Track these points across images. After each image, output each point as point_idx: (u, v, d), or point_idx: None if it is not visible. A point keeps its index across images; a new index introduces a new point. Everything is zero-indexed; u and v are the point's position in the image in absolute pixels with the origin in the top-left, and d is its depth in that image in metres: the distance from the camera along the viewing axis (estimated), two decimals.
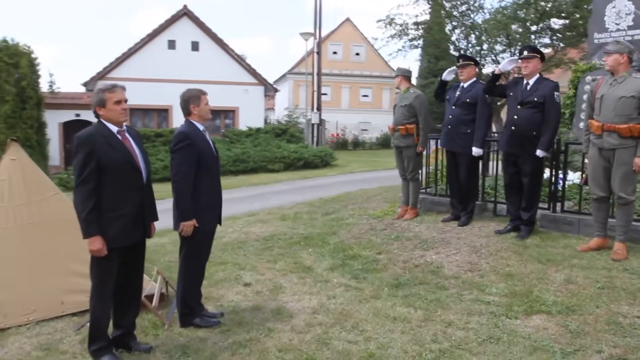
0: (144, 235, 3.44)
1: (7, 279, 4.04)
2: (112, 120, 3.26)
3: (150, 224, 3.50)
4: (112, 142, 3.21)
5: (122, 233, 3.23)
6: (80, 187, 3.13)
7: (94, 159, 3.11)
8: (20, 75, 16.27)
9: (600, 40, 7.62)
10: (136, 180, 3.30)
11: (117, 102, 3.23)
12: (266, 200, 10.35)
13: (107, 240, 3.16)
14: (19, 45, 20.04)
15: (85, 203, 3.11)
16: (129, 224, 3.25)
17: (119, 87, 3.27)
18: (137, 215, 3.31)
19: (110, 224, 3.18)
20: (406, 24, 12.01)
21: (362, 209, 7.92)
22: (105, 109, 3.24)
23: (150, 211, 3.45)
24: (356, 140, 29.73)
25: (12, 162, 4.22)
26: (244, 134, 19.52)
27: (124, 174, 3.23)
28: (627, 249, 4.60)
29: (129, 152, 3.27)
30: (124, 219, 3.23)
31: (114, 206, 3.20)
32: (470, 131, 5.72)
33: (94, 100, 3.24)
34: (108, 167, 3.15)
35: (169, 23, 24.12)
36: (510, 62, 5.36)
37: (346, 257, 5.48)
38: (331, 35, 34.42)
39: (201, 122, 3.84)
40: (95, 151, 3.12)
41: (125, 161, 3.23)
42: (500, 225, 5.72)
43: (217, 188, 3.91)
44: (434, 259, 5.03)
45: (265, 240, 6.52)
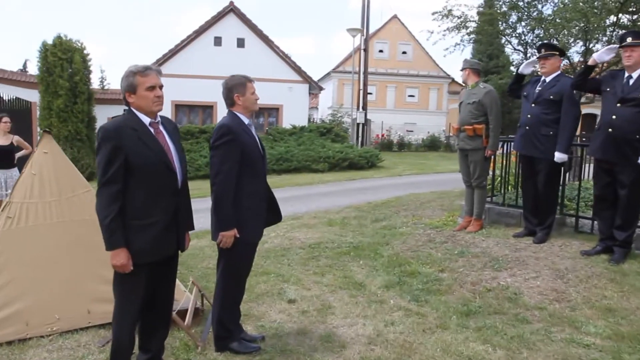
0: (177, 248, 2.88)
1: (32, 283, 3.64)
2: (144, 109, 2.71)
3: (185, 235, 2.94)
4: (143, 137, 2.66)
5: (151, 246, 2.68)
6: (104, 188, 2.59)
7: (121, 155, 2.57)
8: (73, 71, 16.40)
9: None
10: (170, 183, 2.74)
11: (150, 87, 2.67)
12: (311, 202, 9.75)
13: (133, 254, 2.63)
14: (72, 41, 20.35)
15: (109, 208, 2.57)
16: (159, 235, 2.70)
17: (152, 70, 2.70)
18: (170, 225, 2.75)
19: (138, 234, 2.64)
20: (465, 16, 11.18)
21: (415, 216, 7.20)
22: (135, 96, 2.69)
23: (185, 220, 2.90)
24: (402, 141, 28.83)
25: (44, 155, 3.87)
26: (288, 132, 19.02)
27: (156, 176, 2.67)
28: None
29: (162, 150, 2.71)
30: (153, 228, 2.67)
31: (143, 213, 2.66)
32: (552, 133, 4.93)
33: (122, 86, 2.70)
34: (137, 167, 2.61)
35: (215, 20, 24.03)
36: (608, 51, 4.53)
37: (403, 273, 4.80)
38: (377, 33, 33.55)
39: (247, 115, 3.25)
40: (122, 146, 2.58)
41: (158, 160, 2.67)
42: (585, 245, 4.91)
43: (263, 192, 3.31)
44: (509, 283, 4.28)
45: (310, 248, 5.90)
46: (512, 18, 10.56)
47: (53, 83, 15.75)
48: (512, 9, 10.44)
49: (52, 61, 15.84)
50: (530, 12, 10.51)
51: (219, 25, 24.05)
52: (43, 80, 15.85)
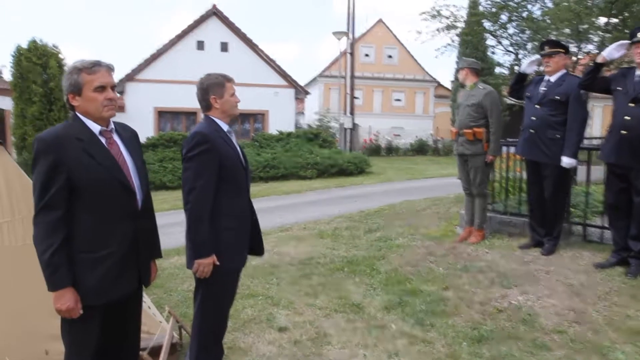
0: (140, 283, 2.42)
1: None
2: (92, 114, 2.24)
3: (151, 264, 2.51)
4: (90, 148, 2.19)
5: (106, 283, 2.22)
6: (42, 215, 2.13)
7: (62, 173, 2.11)
8: (48, 76, 15.79)
9: None
10: (127, 205, 2.28)
11: (99, 87, 2.22)
12: (300, 212, 9.34)
13: (83, 294, 2.17)
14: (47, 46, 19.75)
15: (49, 239, 2.11)
16: (115, 270, 2.24)
17: (102, 66, 2.24)
18: (129, 256, 2.29)
19: (88, 270, 2.18)
20: (455, 16, 10.87)
21: (411, 226, 6.82)
22: (81, 98, 2.22)
23: (149, 248, 2.44)
24: (389, 145, 28.50)
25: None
26: (274, 138, 18.58)
27: (109, 196, 2.22)
28: None
29: (116, 164, 2.25)
30: (108, 262, 2.22)
31: (94, 244, 2.20)
32: (559, 136, 4.58)
33: (64, 85, 2.23)
34: (84, 186, 2.15)
35: (198, 23, 23.59)
36: (618, 48, 4.19)
37: (404, 292, 4.40)
38: (363, 37, 33.24)
39: (225, 120, 2.82)
40: (64, 161, 2.12)
41: (110, 177, 2.21)
42: (596, 256, 4.57)
43: (247, 210, 2.87)
44: (521, 302, 3.91)
45: (301, 264, 5.49)
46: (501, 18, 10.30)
47: (27, 89, 15.11)
48: (501, 8, 10.16)
49: (26, 66, 15.21)
50: (519, 12, 10.24)
51: (202, 28, 23.60)
52: (16, 86, 15.21)
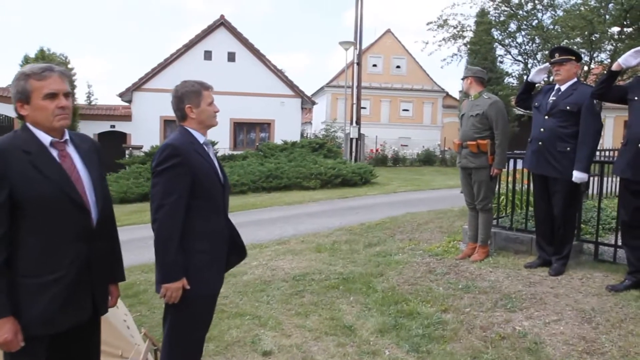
0: (95, 312, 2.15)
1: None
2: (43, 125, 2.01)
3: (111, 289, 2.24)
4: (38, 162, 1.95)
5: (52, 311, 1.95)
6: None
7: (3, 188, 1.87)
8: None
9: None
10: (79, 224, 2.02)
11: (49, 95, 1.98)
12: (300, 224, 9.06)
13: (25, 324, 1.91)
14: (55, 55, 19.84)
15: None
16: (64, 296, 1.98)
17: (54, 72, 2.00)
18: (81, 281, 2.03)
19: (32, 296, 1.93)
20: (462, 25, 10.65)
21: (413, 240, 6.53)
22: (30, 107, 1.99)
23: (105, 272, 2.17)
24: (396, 156, 28.22)
25: None
26: (279, 147, 18.36)
27: (58, 214, 1.96)
28: None
29: (67, 178, 2.00)
30: (56, 288, 1.95)
31: (40, 267, 1.94)
32: (569, 149, 4.29)
33: (12, 93, 2.00)
34: (28, 203, 1.91)
35: (206, 33, 23.71)
36: (636, 55, 3.89)
37: (400, 313, 4.10)
38: (371, 48, 33.14)
39: (202, 131, 2.56)
40: (6, 176, 1.88)
41: (59, 193, 1.96)
42: (609, 277, 4.26)
43: (223, 231, 2.58)
44: (526, 328, 3.59)
45: (295, 280, 5.20)
46: (510, 27, 10.06)
47: None
48: (511, 17, 9.93)
49: None
50: (529, 21, 10.00)
51: (209, 39, 23.73)
52: None
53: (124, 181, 14.76)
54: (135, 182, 14.60)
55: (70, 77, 2.07)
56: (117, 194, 13.88)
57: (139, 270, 5.96)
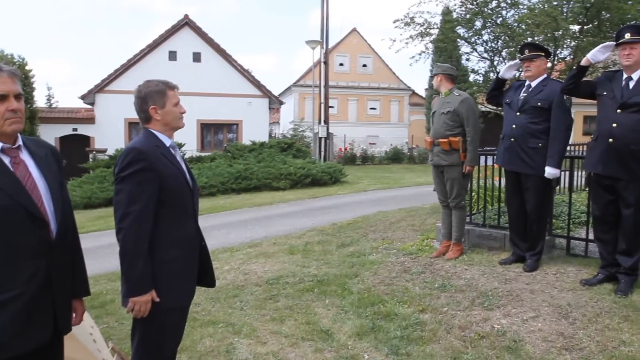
0: (56, 332, 1.98)
1: None
2: None
3: (75, 305, 2.09)
4: None
5: (8, 333, 1.79)
6: None
7: None
8: None
9: None
10: (36, 237, 1.86)
11: None
12: (271, 225, 8.93)
13: None
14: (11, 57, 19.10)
15: None
16: (21, 316, 1.82)
17: (3, 72, 1.84)
18: (40, 299, 1.87)
19: None
20: (428, 23, 10.65)
21: (386, 239, 6.48)
22: None
23: (67, 287, 2.01)
24: (365, 154, 28.31)
25: None
26: (247, 148, 18.14)
27: (11, 227, 1.80)
28: None
29: (20, 187, 1.84)
30: (11, 307, 1.79)
31: None
32: (541, 145, 4.30)
33: None
34: None
35: (170, 33, 23.27)
36: (603, 49, 3.92)
37: (377, 315, 4.03)
38: (337, 47, 33.15)
39: (168, 134, 2.42)
40: None
41: (11, 203, 1.80)
42: (582, 272, 4.29)
43: (194, 237, 2.46)
44: (505, 326, 3.57)
45: (268, 284, 5.08)
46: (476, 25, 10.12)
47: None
48: (476, 15, 9.99)
49: None
50: (494, 18, 10.07)
51: (174, 39, 23.30)
52: None
53: (88, 186, 14.32)
54: (100, 186, 14.18)
55: (21, 76, 1.90)
56: (81, 200, 13.46)
57: (105, 279, 5.74)
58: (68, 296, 2.03)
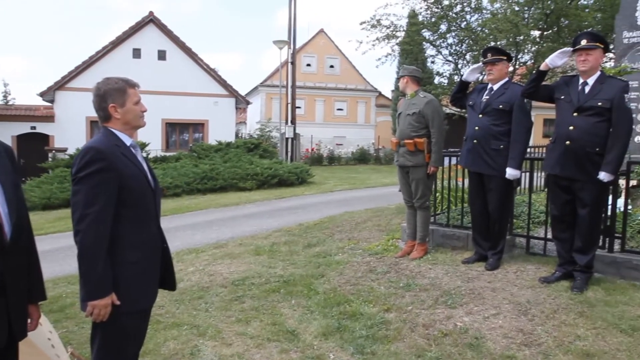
0: (11, 337, 1.93)
1: None
2: None
3: (30, 310, 2.03)
4: None
5: None
6: None
7: None
8: None
9: (631, 39, 6.46)
10: None
11: None
12: (237, 226, 8.87)
13: None
14: None
15: None
16: None
17: None
18: None
19: None
20: (395, 25, 10.80)
21: (352, 240, 6.53)
22: None
23: (21, 291, 1.96)
24: (332, 155, 28.42)
25: None
26: (213, 148, 17.96)
27: None
28: None
29: None
30: None
31: None
32: (503, 147, 4.41)
33: None
34: None
35: (134, 30, 22.80)
36: (561, 55, 4.05)
37: (343, 315, 4.06)
38: (305, 47, 33.14)
39: (128, 133, 2.38)
40: None
41: None
42: (541, 270, 4.41)
43: (156, 239, 2.42)
44: (467, 323, 3.65)
45: (234, 285, 5.04)
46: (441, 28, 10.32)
47: None
48: (441, 18, 10.19)
49: None
50: (458, 22, 10.29)
51: (138, 36, 22.85)
52: None
53: (47, 186, 13.90)
54: (60, 186, 13.79)
55: None
56: (39, 200, 13.08)
57: (64, 281, 5.59)
58: (23, 300, 1.97)
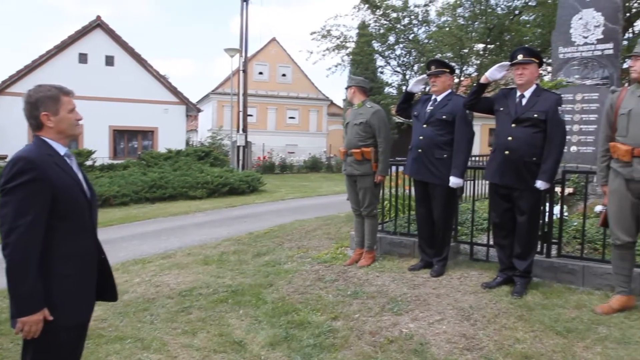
0: None
1: None
2: None
3: None
4: None
5: None
6: None
7: None
8: None
9: (566, 54, 6.81)
10: None
11: None
12: (186, 235, 8.70)
13: None
14: None
15: None
16: None
17: None
18: None
19: None
20: (344, 36, 10.95)
21: (301, 248, 6.54)
22: None
23: None
24: (283, 163, 28.42)
25: None
26: (163, 156, 17.59)
27: None
28: None
29: None
30: None
31: None
32: (446, 156, 4.54)
33: None
34: None
35: (80, 35, 22.12)
36: (500, 69, 4.23)
37: (290, 324, 4.05)
38: (257, 55, 33.10)
39: (62, 142, 2.29)
40: None
41: None
42: (483, 275, 4.55)
43: (92, 251, 2.34)
44: (412, 330, 3.71)
45: (181, 296, 4.94)
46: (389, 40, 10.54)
47: None
48: (389, 30, 10.41)
49: None
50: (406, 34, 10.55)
51: (85, 41, 22.17)
52: None
53: None
54: None
55: None
56: None
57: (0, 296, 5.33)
58: None
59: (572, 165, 5.86)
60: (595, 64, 6.52)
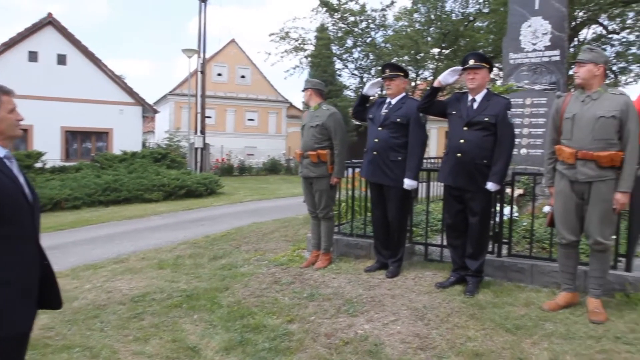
0: None
1: None
2: None
3: None
4: None
5: None
6: None
7: None
8: None
9: (516, 60, 7.03)
10: None
11: None
12: (140, 239, 8.51)
13: None
14: None
15: None
16: None
17: None
18: None
19: None
20: (303, 38, 10.96)
21: (258, 251, 6.50)
22: None
23: None
24: (242, 165, 28.20)
25: None
26: (118, 158, 17.16)
27: None
28: (602, 305, 3.69)
29: None
30: None
31: None
32: (401, 158, 4.60)
33: None
34: None
35: (30, 32, 21.25)
36: (452, 73, 4.32)
37: (246, 328, 4.01)
38: (216, 56, 32.77)
39: (2, 144, 2.19)
40: None
41: None
42: (437, 275, 4.63)
43: (33, 256, 2.24)
44: (367, 331, 3.74)
45: (133, 302, 4.82)
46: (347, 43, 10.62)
47: None
48: (347, 34, 10.49)
49: None
50: (364, 38, 10.65)
51: (35, 38, 21.32)
52: None
53: None
54: None
55: None
56: None
57: None
58: None
59: (522, 167, 6.04)
60: (544, 70, 6.75)
